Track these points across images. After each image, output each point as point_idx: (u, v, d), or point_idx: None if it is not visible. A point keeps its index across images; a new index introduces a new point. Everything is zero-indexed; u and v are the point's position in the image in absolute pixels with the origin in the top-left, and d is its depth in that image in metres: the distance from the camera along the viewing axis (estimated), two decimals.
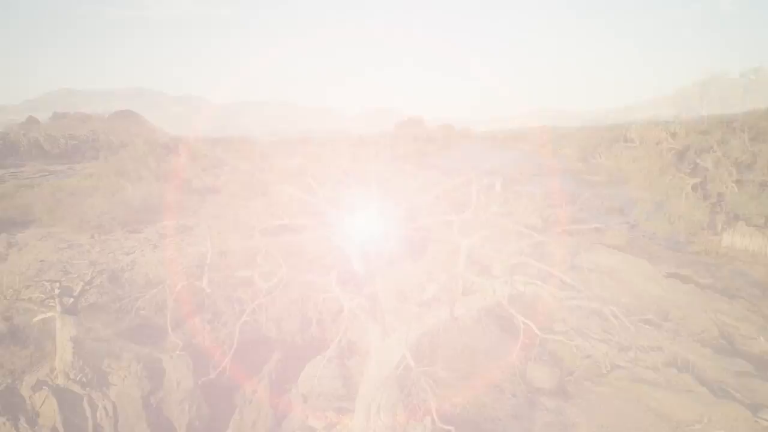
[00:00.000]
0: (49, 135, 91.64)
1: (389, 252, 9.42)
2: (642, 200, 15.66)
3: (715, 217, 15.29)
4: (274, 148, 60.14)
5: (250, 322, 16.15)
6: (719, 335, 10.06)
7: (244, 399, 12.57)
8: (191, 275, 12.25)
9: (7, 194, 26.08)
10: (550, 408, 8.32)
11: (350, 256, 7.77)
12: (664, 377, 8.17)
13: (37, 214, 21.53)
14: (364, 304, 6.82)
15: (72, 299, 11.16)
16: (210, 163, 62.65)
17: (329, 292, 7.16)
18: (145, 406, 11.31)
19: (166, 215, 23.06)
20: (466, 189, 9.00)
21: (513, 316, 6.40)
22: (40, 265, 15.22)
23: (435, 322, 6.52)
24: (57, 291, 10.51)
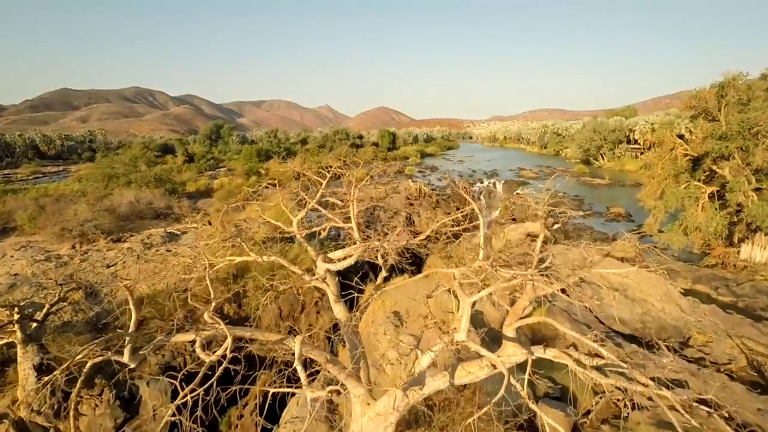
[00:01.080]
0: (45, 136, 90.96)
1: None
2: (656, 209, 14.65)
3: (733, 228, 14.27)
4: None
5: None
6: (748, 366, 9.07)
7: (228, 427, 11.62)
8: (175, 290, 11.33)
9: None
10: None
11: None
12: (693, 419, 7.20)
13: (18, 222, 20.60)
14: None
15: (36, 323, 10.21)
16: (208, 164, 61.74)
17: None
18: None
19: (152, 223, 22.13)
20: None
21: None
22: (13, 280, 14.26)
23: (430, 391, 5.57)
24: (16, 316, 9.54)
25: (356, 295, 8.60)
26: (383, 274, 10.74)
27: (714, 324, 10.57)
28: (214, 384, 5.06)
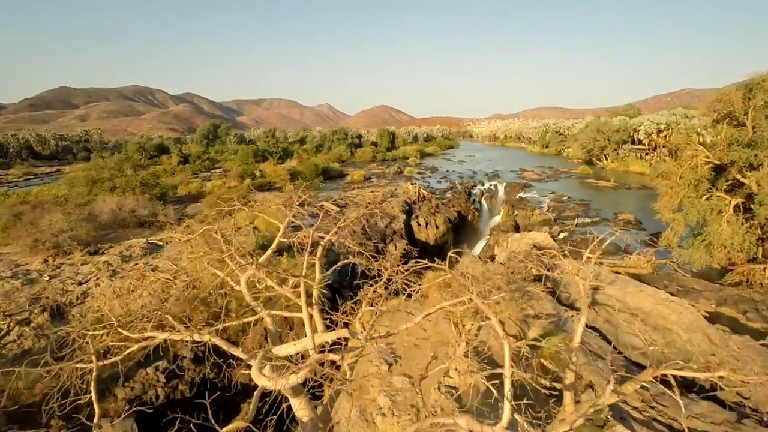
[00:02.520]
0: (39, 136, 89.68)
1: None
2: (675, 222, 13.41)
3: (760, 243, 13.03)
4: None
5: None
6: None
7: None
8: (150, 312, 10.14)
9: None
10: None
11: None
12: None
13: None
14: None
15: None
16: (203, 165, 60.45)
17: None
18: None
19: (135, 232, 20.92)
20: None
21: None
22: None
23: None
24: None
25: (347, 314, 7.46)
26: (381, 290, 9.60)
27: (748, 358, 9.34)
28: None
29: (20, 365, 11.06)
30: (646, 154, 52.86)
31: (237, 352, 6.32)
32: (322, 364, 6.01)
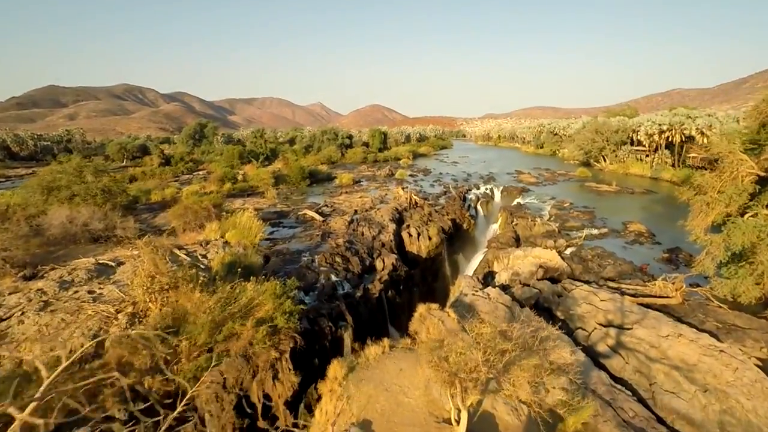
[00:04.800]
0: (16, 135, 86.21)
1: None
2: (712, 245, 11.21)
3: None
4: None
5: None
6: None
7: None
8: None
9: None
10: None
11: None
12: None
13: None
14: None
15: None
16: (186, 167, 57.64)
17: None
18: None
19: (87, 249, 18.42)
20: None
21: None
22: None
23: None
24: None
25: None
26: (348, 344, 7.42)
27: None
28: None
29: None
30: (647, 155, 50.96)
31: None
32: None
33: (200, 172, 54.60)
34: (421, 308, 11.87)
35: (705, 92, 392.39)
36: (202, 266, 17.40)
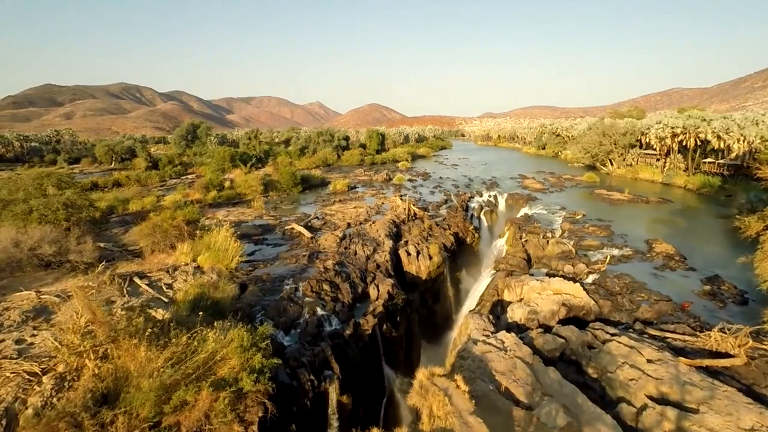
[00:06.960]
0: (1, 137, 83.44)
1: None
2: None
3: None
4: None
5: None
6: None
7: None
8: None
9: None
10: None
11: None
12: None
13: None
14: None
15: None
16: (174, 171, 54.96)
17: None
18: None
19: (35, 277, 15.92)
20: None
21: None
22: None
23: None
24: None
25: None
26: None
27: None
28: None
29: None
30: (657, 159, 48.49)
31: None
32: None
33: (189, 176, 51.99)
34: (421, 375, 9.38)
35: (704, 92, 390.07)
36: (165, 299, 14.86)
